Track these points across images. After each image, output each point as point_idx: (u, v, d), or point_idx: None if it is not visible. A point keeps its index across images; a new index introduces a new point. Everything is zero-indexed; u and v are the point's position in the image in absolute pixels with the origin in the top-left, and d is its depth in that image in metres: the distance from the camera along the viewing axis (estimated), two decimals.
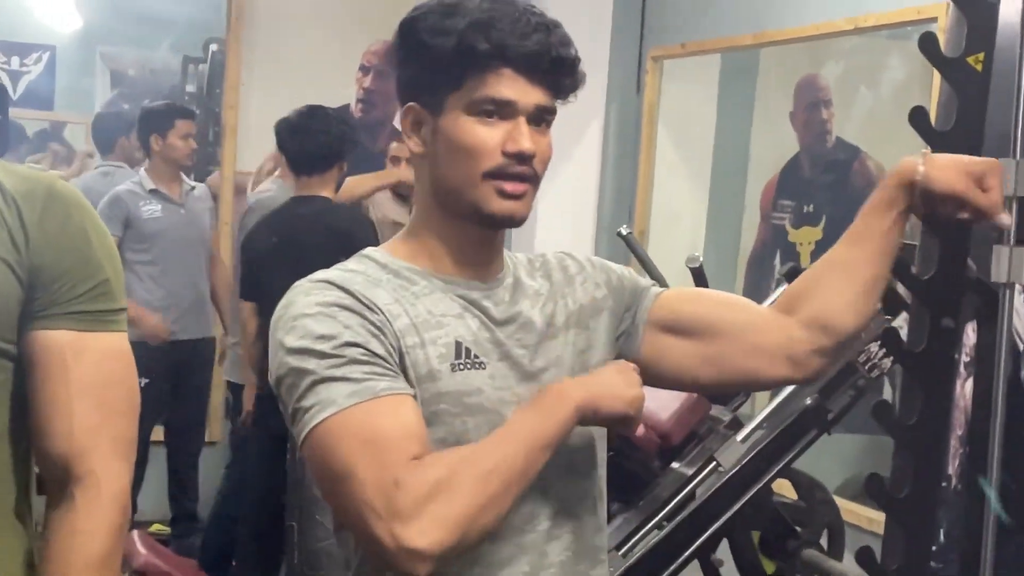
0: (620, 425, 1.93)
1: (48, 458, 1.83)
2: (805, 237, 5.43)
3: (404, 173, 5.62)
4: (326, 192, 4.89)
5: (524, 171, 1.87)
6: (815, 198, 5.40)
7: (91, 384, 1.83)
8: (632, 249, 3.84)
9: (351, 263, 1.95)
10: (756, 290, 5.44)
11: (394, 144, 5.97)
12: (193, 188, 6.15)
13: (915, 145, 2.81)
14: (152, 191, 5.89)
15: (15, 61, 8.39)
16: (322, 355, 1.78)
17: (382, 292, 1.87)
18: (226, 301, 6.12)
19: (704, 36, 5.92)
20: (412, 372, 1.84)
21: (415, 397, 1.82)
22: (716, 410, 3.43)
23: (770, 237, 5.63)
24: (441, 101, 1.87)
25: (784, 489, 3.64)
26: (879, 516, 3.13)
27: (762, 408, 3.39)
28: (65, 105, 8.74)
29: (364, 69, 6.81)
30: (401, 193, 5.70)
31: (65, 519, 1.82)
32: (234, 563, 5.37)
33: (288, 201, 5.02)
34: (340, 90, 6.65)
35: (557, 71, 1.88)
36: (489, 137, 1.85)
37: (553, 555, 1.96)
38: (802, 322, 2.08)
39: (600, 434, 2.06)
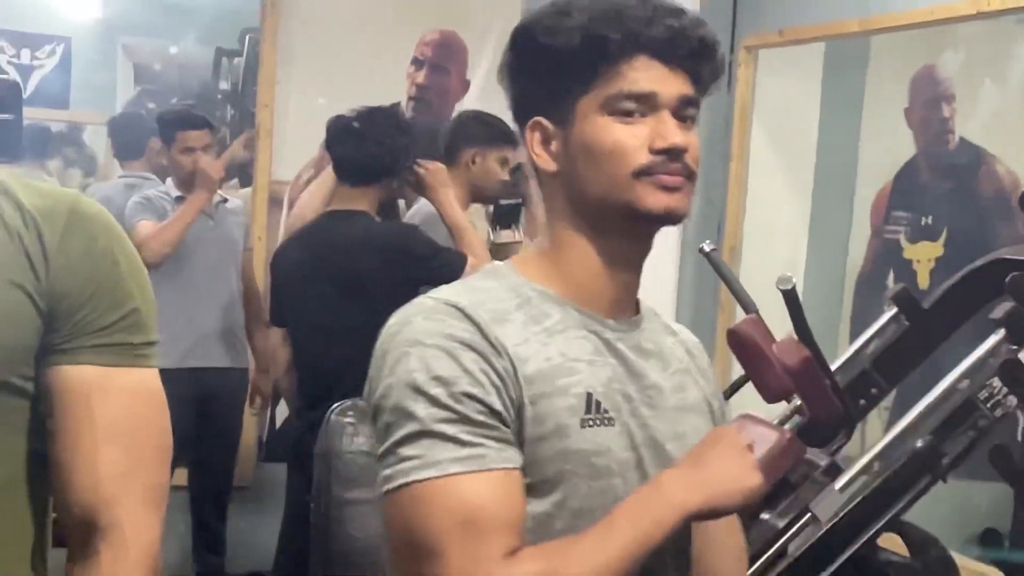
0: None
1: (70, 508, 1.83)
2: (923, 254, 5.40)
3: None
4: (366, 207, 4.87)
5: (678, 168, 1.88)
6: (935, 209, 5.37)
7: (119, 427, 1.82)
8: (717, 269, 3.78)
9: (480, 279, 2.00)
10: (866, 315, 5.40)
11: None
12: (226, 200, 6.15)
13: None
14: (179, 198, 5.91)
15: (26, 54, 8.50)
16: (434, 401, 1.80)
17: (512, 329, 1.89)
18: (259, 331, 6.08)
19: (805, 22, 5.89)
20: (533, 426, 1.86)
21: (522, 469, 1.84)
22: (811, 453, 3.39)
23: (882, 254, 5.60)
24: (571, 108, 1.90)
25: (893, 545, 3.60)
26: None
27: (867, 450, 3.37)
28: (83, 103, 8.84)
29: (417, 63, 6.81)
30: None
31: None
32: None
33: (324, 215, 5.02)
34: (390, 87, 6.65)
35: (697, 54, 1.90)
36: (632, 136, 1.87)
37: None
38: None
39: None
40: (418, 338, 1.83)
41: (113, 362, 1.82)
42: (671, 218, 1.91)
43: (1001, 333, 3.28)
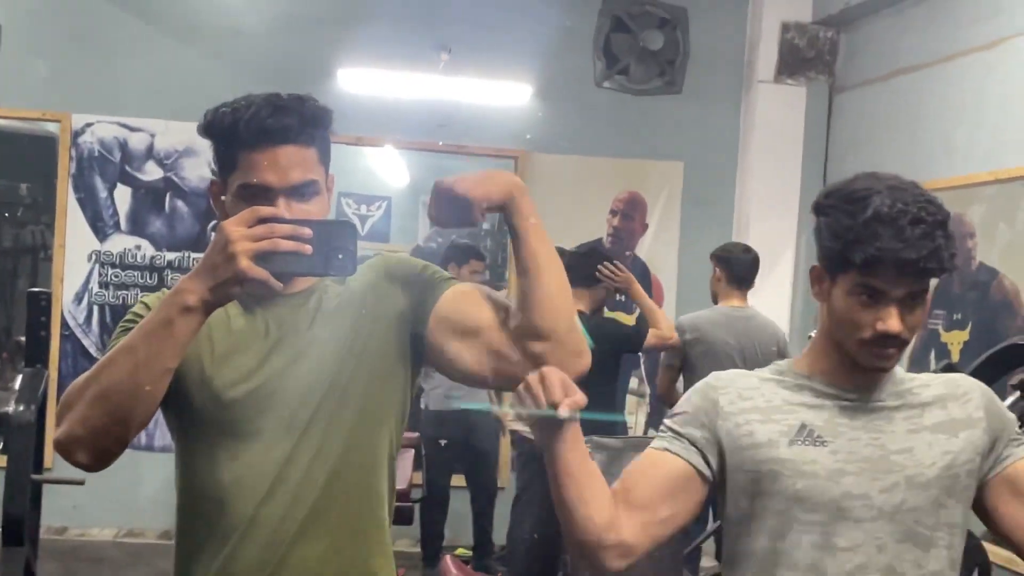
0: None
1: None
2: (955, 338, 5.27)
3: None
4: (583, 307, 4.86)
5: (891, 344, 1.73)
6: (963, 309, 5.24)
7: None
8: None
9: (764, 370, 1.91)
10: None
11: None
12: None
13: None
14: None
15: (363, 208, 8.73)
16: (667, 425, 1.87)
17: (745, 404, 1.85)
18: None
19: None
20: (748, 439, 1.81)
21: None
22: None
23: (927, 338, 5.47)
24: (835, 275, 1.76)
25: None
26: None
27: None
28: (396, 239, 9.02)
29: (613, 212, 6.82)
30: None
31: None
32: None
33: None
34: (597, 227, 6.71)
35: (924, 273, 1.70)
36: (864, 318, 1.72)
37: None
38: None
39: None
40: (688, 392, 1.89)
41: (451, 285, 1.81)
42: (882, 371, 1.79)
43: (1017, 394, 3.21)
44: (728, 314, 4.93)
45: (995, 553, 3.89)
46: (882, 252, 1.67)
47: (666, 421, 1.88)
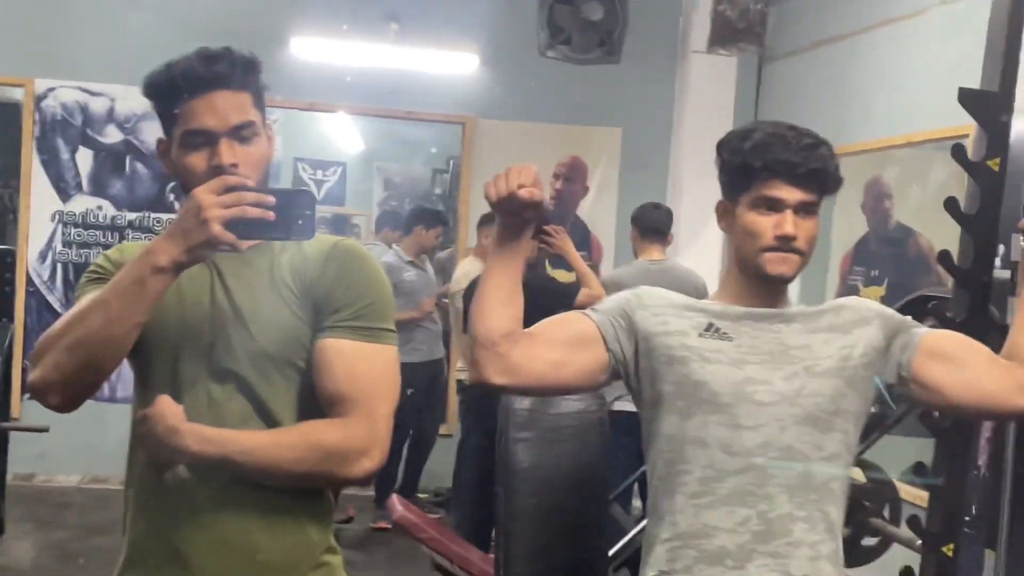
0: None
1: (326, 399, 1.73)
2: (872, 294, 5.33)
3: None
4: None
5: (789, 248, 1.88)
6: (880, 266, 5.31)
7: (353, 368, 1.71)
8: None
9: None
10: None
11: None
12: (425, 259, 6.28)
13: (955, 226, 2.73)
14: (409, 262, 5.99)
15: (319, 173, 8.69)
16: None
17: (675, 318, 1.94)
18: (458, 336, 6.07)
19: None
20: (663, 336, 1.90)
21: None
22: None
23: (845, 294, 5.53)
24: (736, 199, 1.93)
25: (856, 475, 3.56)
26: (925, 494, 3.06)
27: None
28: (351, 203, 9.01)
29: (556, 176, 6.81)
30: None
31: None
32: (453, 525, 5.21)
33: None
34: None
35: (813, 178, 1.88)
36: (764, 225, 1.89)
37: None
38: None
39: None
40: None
41: (347, 336, 1.71)
42: (782, 280, 1.92)
43: None
44: (646, 267, 4.96)
45: (905, 491, 3.96)
46: (775, 160, 1.86)
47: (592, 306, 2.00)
